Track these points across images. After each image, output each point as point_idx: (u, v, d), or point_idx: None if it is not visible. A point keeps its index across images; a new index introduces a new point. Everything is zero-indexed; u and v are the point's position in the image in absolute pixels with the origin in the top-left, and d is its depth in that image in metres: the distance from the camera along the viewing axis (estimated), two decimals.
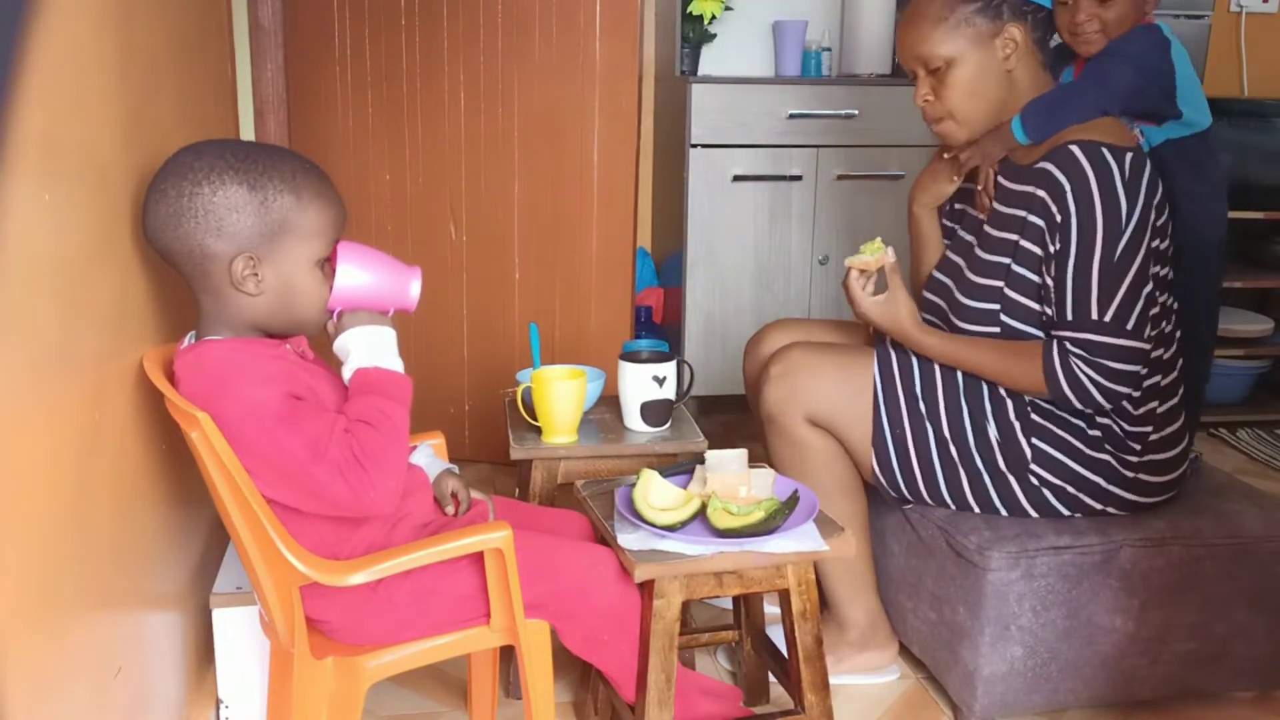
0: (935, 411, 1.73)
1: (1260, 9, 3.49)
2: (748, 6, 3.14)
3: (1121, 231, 1.58)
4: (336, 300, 1.36)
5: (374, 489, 1.27)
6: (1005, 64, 1.68)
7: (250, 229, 1.28)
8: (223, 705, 1.68)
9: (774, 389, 1.78)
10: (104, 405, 1.23)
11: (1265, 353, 3.24)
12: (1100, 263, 1.59)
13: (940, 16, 1.67)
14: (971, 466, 1.73)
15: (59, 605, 1.09)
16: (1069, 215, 1.60)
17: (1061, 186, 1.60)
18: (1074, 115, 1.66)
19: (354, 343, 1.35)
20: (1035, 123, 1.67)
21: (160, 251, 1.31)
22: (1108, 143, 1.60)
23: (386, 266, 1.38)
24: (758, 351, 2.00)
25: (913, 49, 1.71)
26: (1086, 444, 1.70)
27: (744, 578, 1.45)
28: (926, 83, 1.72)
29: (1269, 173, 3.16)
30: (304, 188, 1.30)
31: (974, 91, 1.69)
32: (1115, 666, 1.74)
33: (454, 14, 2.65)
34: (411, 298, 1.39)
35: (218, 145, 1.31)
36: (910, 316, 1.72)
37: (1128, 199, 1.58)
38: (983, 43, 1.67)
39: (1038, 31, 1.69)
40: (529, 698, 1.44)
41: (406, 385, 1.36)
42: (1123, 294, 1.59)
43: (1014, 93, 1.70)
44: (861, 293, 1.74)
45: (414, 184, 2.75)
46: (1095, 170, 1.58)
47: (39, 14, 1.04)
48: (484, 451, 2.85)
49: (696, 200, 2.90)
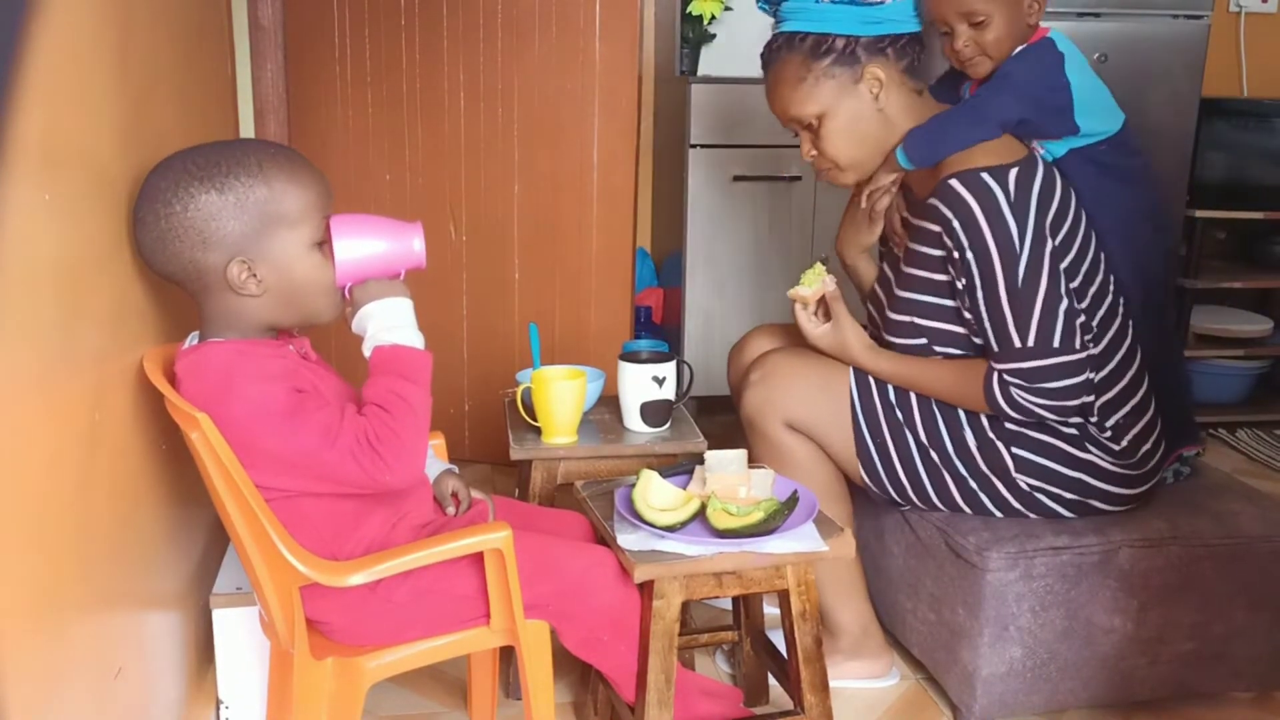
0: (911, 418, 1.74)
1: (1260, 9, 3.49)
2: (748, 6, 3.13)
3: (1018, 255, 1.58)
4: (342, 276, 1.33)
5: (388, 471, 1.27)
6: (876, 103, 1.69)
7: (234, 232, 1.26)
8: (223, 705, 1.68)
9: (753, 394, 1.78)
10: (104, 405, 1.23)
11: (1265, 353, 3.24)
12: (1006, 290, 1.59)
13: (799, 77, 1.68)
14: (955, 472, 1.73)
15: (59, 605, 1.09)
16: (963, 249, 1.61)
17: (950, 221, 1.61)
18: (952, 146, 1.65)
19: (370, 317, 1.33)
20: (915, 151, 1.68)
21: (159, 275, 1.32)
22: (988, 166, 1.59)
23: (384, 229, 1.33)
24: (741, 357, 2.00)
25: (783, 113, 1.73)
26: (1066, 442, 1.70)
27: (743, 578, 1.45)
28: (807, 139, 1.74)
29: (1269, 173, 3.16)
30: (274, 175, 1.27)
31: (853, 137, 1.70)
32: (1114, 667, 1.74)
33: (454, 13, 2.65)
34: (417, 254, 1.34)
35: (180, 158, 1.28)
36: (859, 342, 1.74)
37: (1016, 220, 1.58)
38: (847, 90, 1.68)
39: (902, 60, 1.69)
40: (529, 698, 1.44)
41: (424, 361, 1.33)
42: (1038, 314, 1.59)
43: (892, 126, 1.71)
44: (809, 323, 1.76)
45: (414, 184, 2.75)
46: (977, 199, 1.58)
47: (39, 14, 1.04)
48: (484, 452, 2.85)
49: (696, 200, 2.90)
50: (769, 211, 2.95)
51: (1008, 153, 1.63)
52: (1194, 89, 2.91)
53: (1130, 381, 1.73)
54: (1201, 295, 3.22)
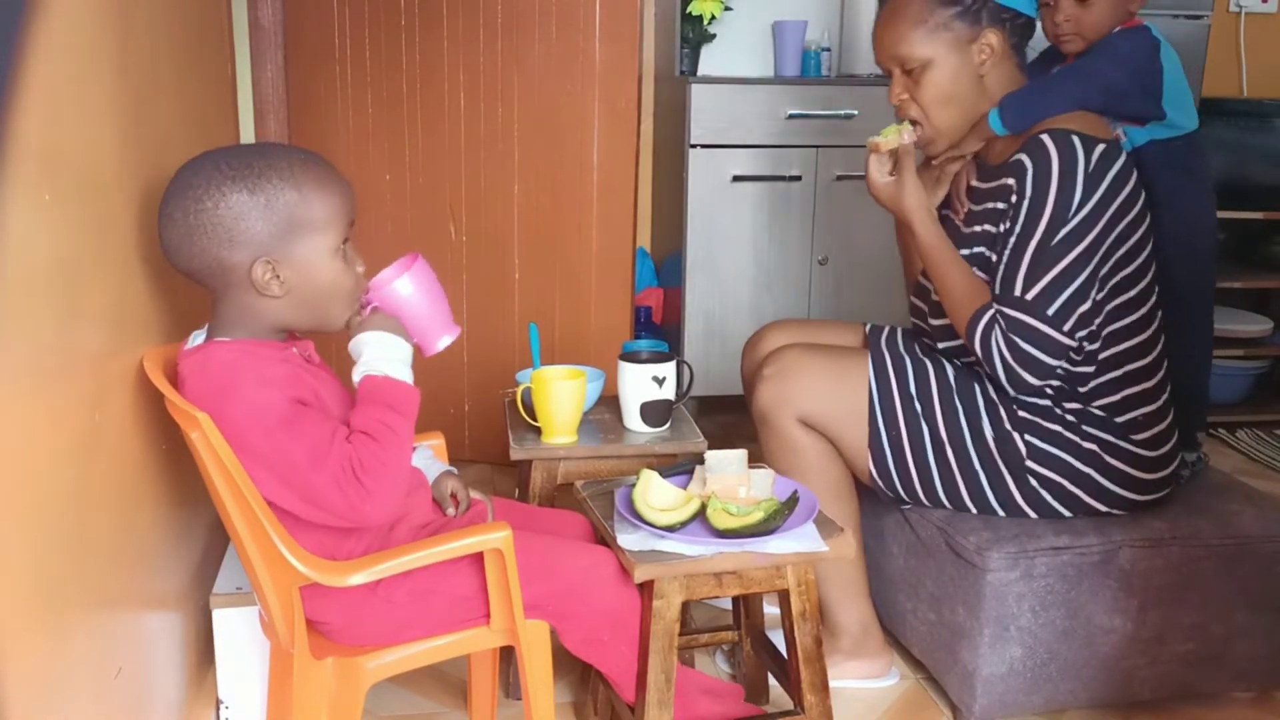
0: (931, 411, 1.73)
1: (1260, 9, 3.50)
2: (747, 6, 3.14)
3: (1067, 218, 1.59)
4: (380, 297, 1.37)
5: (370, 501, 1.27)
6: (980, 69, 1.69)
7: (261, 232, 1.27)
8: (223, 705, 1.68)
9: (766, 389, 1.78)
10: (104, 405, 1.23)
11: (1265, 353, 3.24)
12: (1038, 243, 1.60)
13: (920, 18, 1.68)
14: (969, 467, 1.73)
15: (59, 605, 1.09)
16: (1024, 196, 1.61)
17: (1025, 170, 1.61)
18: (1052, 107, 1.66)
19: (369, 344, 1.35)
20: (1012, 114, 1.68)
21: (184, 273, 1.32)
22: (1080, 131, 1.60)
23: (439, 305, 1.42)
24: (755, 352, 2.00)
25: (890, 48, 1.72)
26: (1074, 432, 1.70)
27: (744, 578, 1.45)
28: (901, 82, 1.73)
29: (1269, 173, 3.16)
30: (304, 180, 1.29)
31: (948, 94, 1.70)
32: (1114, 667, 1.74)
33: (454, 14, 2.65)
34: (436, 346, 1.43)
35: (213, 157, 1.30)
36: (915, 199, 1.71)
37: (1084, 189, 1.58)
38: (960, 47, 1.68)
39: (1014, 38, 1.70)
40: (529, 698, 1.44)
41: (413, 397, 1.35)
42: (1051, 278, 1.59)
43: (987, 96, 1.71)
44: (877, 172, 1.75)
45: (414, 184, 2.75)
46: (1060, 155, 1.59)
47: (39, 14, 1.04)
48: (484, 452, 2.85)
49: (696, 200, 2.90)
50: (769, 211, 2.95)
51: (1098, 130, 1.64)
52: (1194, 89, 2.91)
53: (1158, 383, 1.73)
54: None
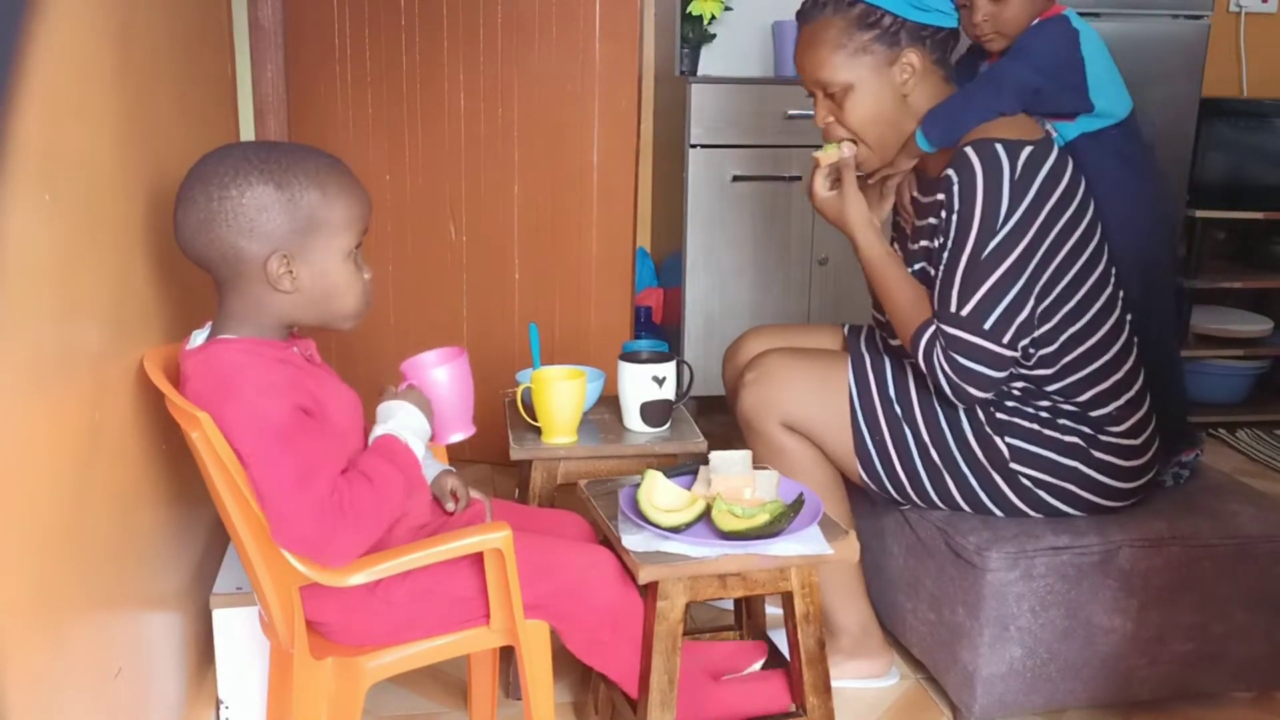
0: (911, 414, 1.74)
1: (1260, 9, 3.50)
2: (747, 6, 3.14)
3: (996, 229, 1.58)
4: (417, 376, 1.47)
5: (339, 536, 1.27)
6: (903, 89, 1.68)
7: (281, 227, 1.28)
8: (223, 705, 1.68)
9: (749, 395, 1.78)
10: (104, 405, 1.23)
11: (1265, 353, 3.24)
12: (969, 256, 1.60)
13: (839, 43, 1.67)
14: (955, 469, 1.73)
15: (59, 605, 1.09)
16: (953, 210, 1.62)
17: (952, 184, 1.61)
18: (971, 120, 1.65)
19: (401, 412, 1.41)
20: (937, 131, 1.68)
21: (195, 259, 1.32)
22: (1004, 138, 1.59)
23: (465, 402, 1.51)
24: (736, 359, 2.00)
25: (811, 73, 1.72)
26: (1052, 429, 1.70)
27: (748, 580, 1.45)
28: (825, 105, 1.73)
29: (1269, 173, 3.16)
30: (329, 183, 1.31)
31: (873, 116, 1.70)
32: (1114, 667, 1.74)
33: (454, 14, 2.65)
34: (448, 438, 1.51)
35: (240, 148, 1.31)
36: (857, 213, 1.73)
37: (1011, 197, 1.58)
38: (880, 70, 1.67)
39: (936, 52, 1.69)
40: (529, 698, 1.44)
41: (419, 472, 1.40)
42: (985, 291, 1.59)
43: (912, 116, 1.71)
44: (820, 185, 1.76)
45: (414, 184, 2.74)
46: (984, 166, 1.59)
47: (39, 14, 1.04)
48: (484, 452, 2.85)
49: (696, 200, 2.90)
50: (769, 211, 2.95)
51: (1025, 131, 1.63)
52: (1194, 89, 2.91)
53: (1127, 374, 1.73)
54: (1201, 295, 3.22)
